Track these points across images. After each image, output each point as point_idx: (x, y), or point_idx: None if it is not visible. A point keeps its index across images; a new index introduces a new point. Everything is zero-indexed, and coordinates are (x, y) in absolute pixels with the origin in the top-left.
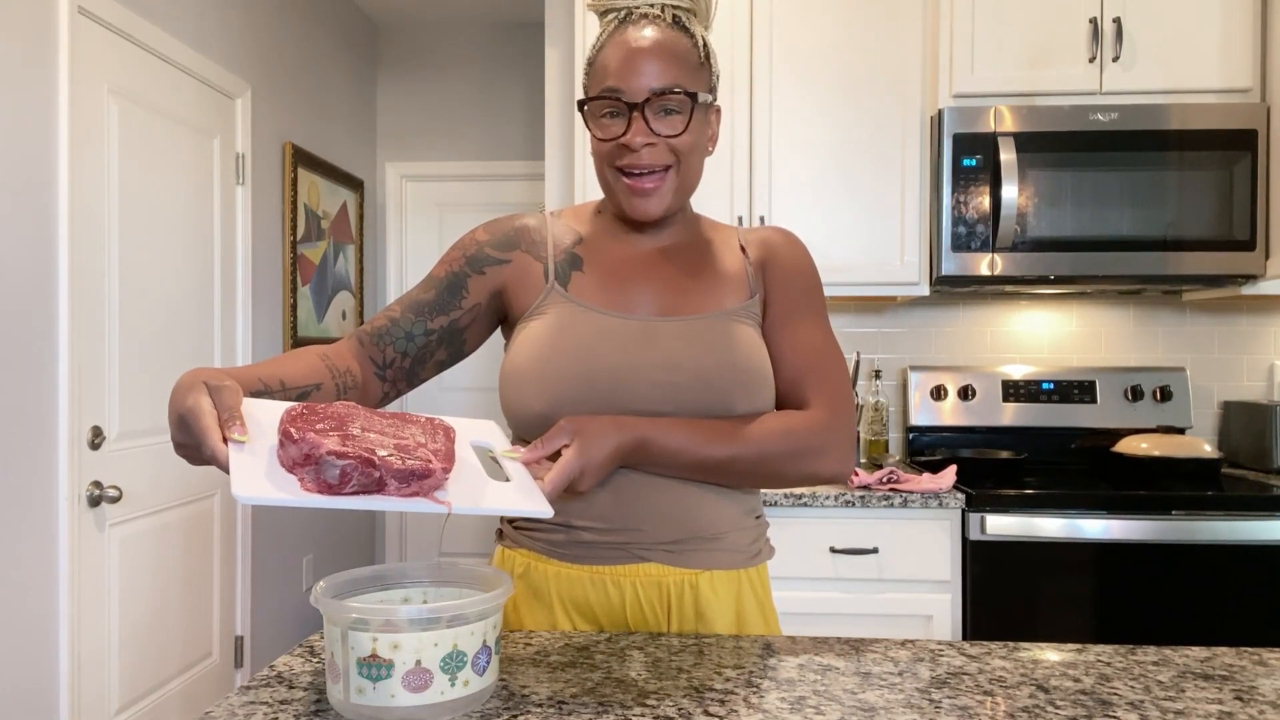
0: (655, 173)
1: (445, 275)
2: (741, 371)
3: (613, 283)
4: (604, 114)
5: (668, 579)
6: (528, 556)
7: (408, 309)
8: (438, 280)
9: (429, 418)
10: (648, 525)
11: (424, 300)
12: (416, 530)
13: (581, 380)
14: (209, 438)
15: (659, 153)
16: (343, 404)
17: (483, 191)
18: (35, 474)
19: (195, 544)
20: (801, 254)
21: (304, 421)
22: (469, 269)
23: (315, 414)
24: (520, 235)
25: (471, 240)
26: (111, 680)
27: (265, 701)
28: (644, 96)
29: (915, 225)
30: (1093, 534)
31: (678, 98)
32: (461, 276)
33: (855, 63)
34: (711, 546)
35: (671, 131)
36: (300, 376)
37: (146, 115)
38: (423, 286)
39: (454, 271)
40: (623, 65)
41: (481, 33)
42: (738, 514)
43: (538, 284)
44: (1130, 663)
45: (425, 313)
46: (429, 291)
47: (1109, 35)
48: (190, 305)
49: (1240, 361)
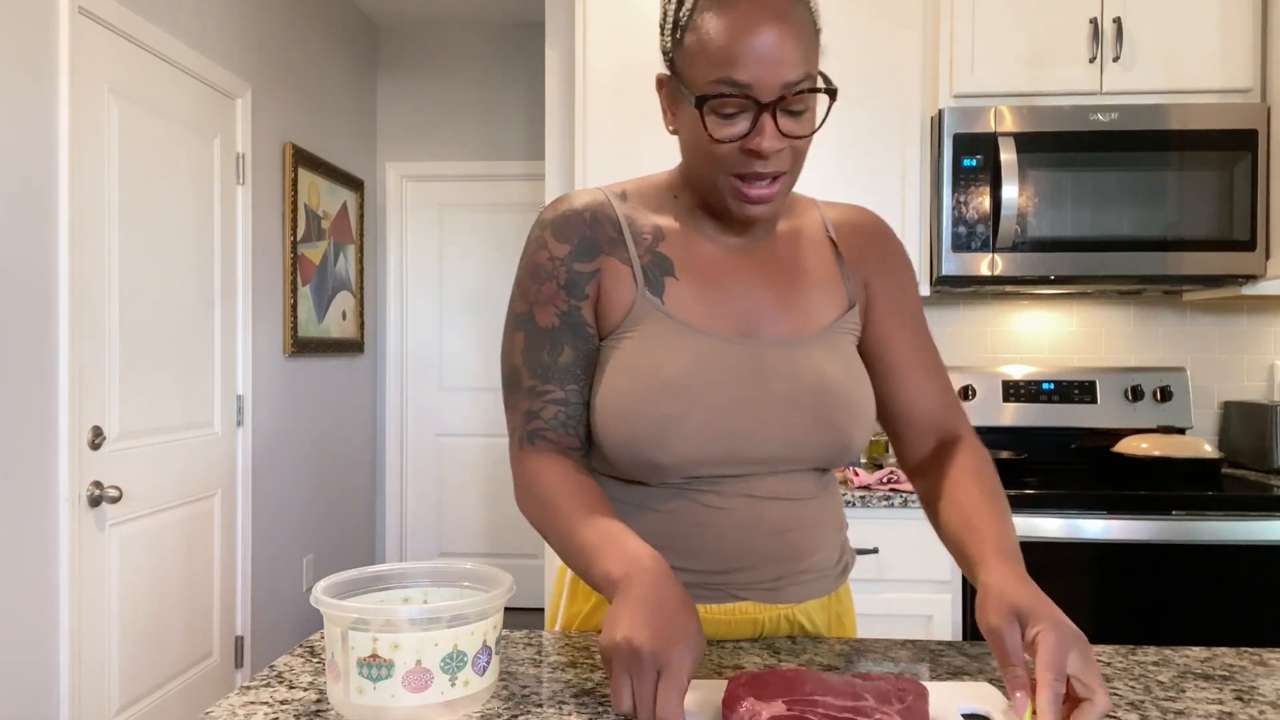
0: (777, 178)
1: (562, 323)
2: (858, 405)
3: (708, 297)
4: (725, 111)
5: (763, 616)
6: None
7: (565, 380)
8: (556, 332)
9: (904, 678)
10: (748, 565)
11: (566, 364)
12: (416, 530)
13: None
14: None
15: (785, 157)
16: (791, 669)
17: (483, 191)
18: (35, 474)
19: (195, 544)
20: (899, 248)
21: (747, 689)
22: (576, 300)
23: (761, 680)
24: (598, 234)
25: (553, 262)
26: (111, 680)
27: (265, 701)
28: (778, 94)
29: (915, 225)
30: (1093, 534)
31: (811, 94)
32: (574, 314)
33: (855, 62)
34: (805, 578)
35: (801, 132)
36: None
37: (147, 115)
38: (546, 346)
39: (564, 312)
40: (752, 52)
41: (481, 33)
42: (830, 533)
43: (627, 291)
44: (1130, 663)
45: (577, 375)
46: (560, 351)
47: (1109, 35)
48: (190, 305)
49: (1240, 361)
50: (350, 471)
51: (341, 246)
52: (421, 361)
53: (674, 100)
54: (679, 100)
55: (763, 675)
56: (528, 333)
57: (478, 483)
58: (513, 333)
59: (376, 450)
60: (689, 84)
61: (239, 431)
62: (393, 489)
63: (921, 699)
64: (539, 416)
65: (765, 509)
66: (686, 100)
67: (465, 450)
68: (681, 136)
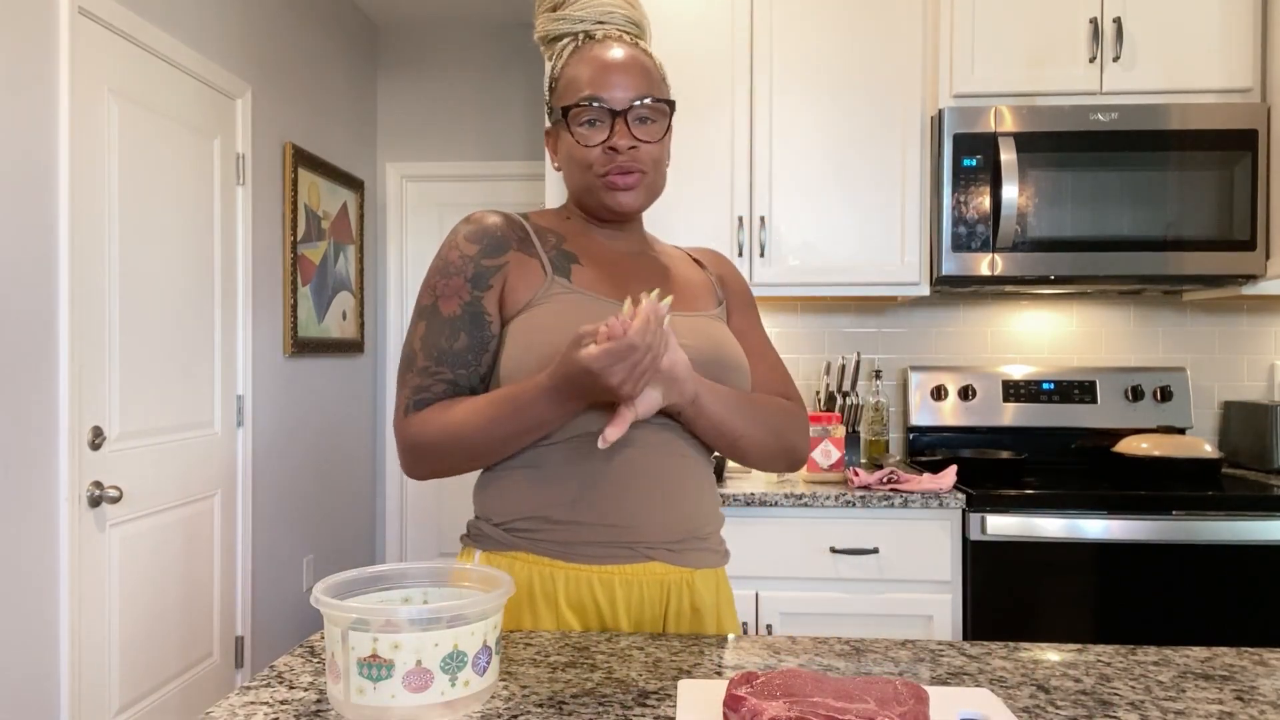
0: (635, 173)
1: (463, 313)
2: (737, 368)
3: (610, 278)
4: (582, 123)
5: (669, 577)
6: (527, 559)
7: (457, 364)
8: (457, 320)
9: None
10: (653, 525)
11: (460, 349)
12: (416, 531)
13: None
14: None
15: (642, 157)
16: (792, 670)
17: (483, 191)
18: (36, 474)
19: (195, 544)
20: (742, 276)
21: (748, 689)
22: (478, 291)
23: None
24: (507, 234)
25: (462, 258)
26: (111, 680)
27: (265, 701)
28: (626, 105)
29: (915, 225)
30: (1093, 534)
31: (656, 106)
32: (476, 304)
33: (855, 62)
34: (703, 546)
35: (651, 137)
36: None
37: (147, 115)
38: (445, 333)
39: (466, 303)
40: (602, 76)
41: (481, 33)
42: (717, 514)
43: (536, 278)
44: (1131, 663)
45: (468, 361)
46: (458, 337)
47: (1109, 35)
48: (190, 305)
49: (1240, 361)
50: (350, 471)
51: (341, 247)
52: None
53: (555, 140)
54: (558, 137)
55: (764, 675)
56: (429, 321)
57: None
58: (415, 323)
59: (376, 450)
60: (562, 111)
61: (239, 432)
62: (393, 489)
63: (922, 703)
64: (428, 390)
65: (667, 464)
66: (562, 128)
67: None
68: (564, 165)
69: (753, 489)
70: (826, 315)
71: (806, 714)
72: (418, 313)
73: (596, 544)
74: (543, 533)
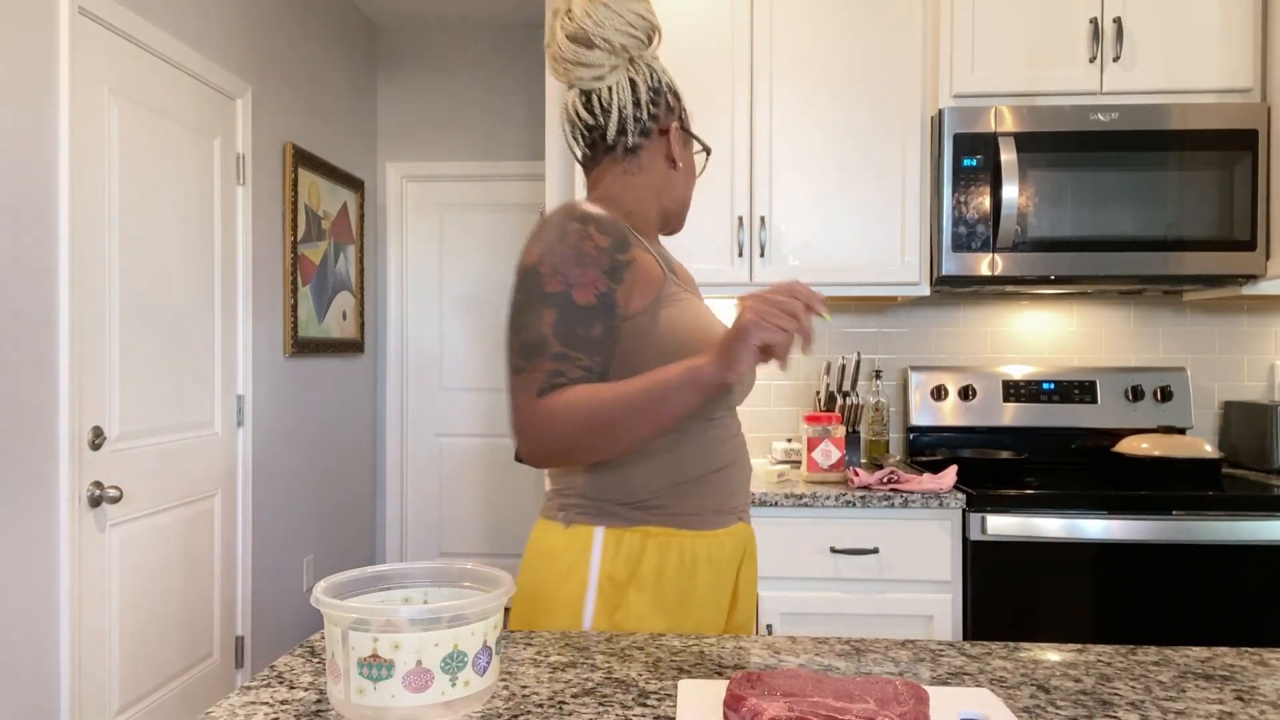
0: None
1: (598, 303)
2: None
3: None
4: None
5: (746, 533)
6: (664, 532)
7: (592, 351)
8: (592, 310)
9: (905, 682)
10: (743, 493)
11: (596, 338)
12: (416, 530)
13: None
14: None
15: None
16: (792, 670)
17: (483, 191)
18: (36, 474)
19: (195, 544)
20: None
21: (748, 689)
22: (614, 283)
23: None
24: (628, 232)
25: (597, 250)
26: (111, 680)
27: (265, 701)
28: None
29: (915, 225)
30: (1093, 534)
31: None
32: (610, 295)
33: (855, 62)
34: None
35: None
36: None
37: (147, 115)
38: (581, 320)
39: (602, 294)
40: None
41: (481, 33)
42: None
43: (656, 276)
44: (1131, 663)
45: (601, 348)
46: (594, 326)
47: (1109, 35)
48: (191, 305)
49: (1241, 361)
50: (350, 471)
51: (342, 246)
52: (421, 361)
53: (675, 144)
54: (682, 143)
55: (764, 675)
56: (561, 309)
57: (478, 483)
58: (540, 309)
59: (376, 450)
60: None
61: (239, 432)
62: (393, 489)
63: (922, 703)
64: (564, 375)
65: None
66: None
67: (465, 450)
68: (676, 172)
69: (753, 489)
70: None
71: (806, 714)
72: (543, 298)
73: (715, 512)
74: (673, 506)
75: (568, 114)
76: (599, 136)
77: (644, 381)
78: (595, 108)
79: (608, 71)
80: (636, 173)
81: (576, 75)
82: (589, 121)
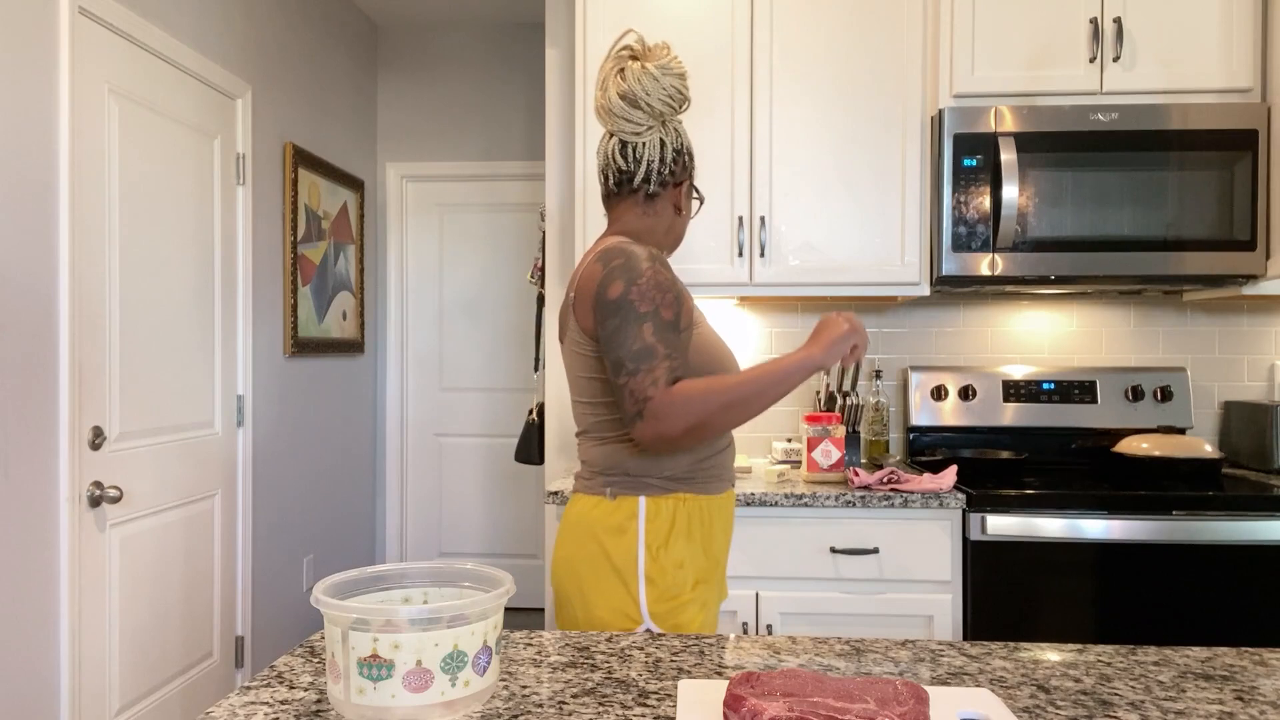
0: None
1: (674, 318)
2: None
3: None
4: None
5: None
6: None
7: (679, 354)
8: (674, 323)
9: (905, 682)
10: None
11: (682, 344)
12: (416, 530)
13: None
14: None
15: None
16: (792, 670)
17: (483, 191)
18: (36, 474)
19: (195, 544)
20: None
21: (748, 689)
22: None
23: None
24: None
25: (669, 279)
26: (111, 680)
27: (265, 701)
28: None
29: (916, 225)
30: (1093, 534)
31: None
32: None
33: (856, 62)
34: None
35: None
36: None
37: (147, 115)
38: (672, 330)
39: (677, 313)
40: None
41: (481, 33)
42: None
43: (690, 301)
44: (1131, 663)
45: (683, 352)
46: (679, 335)
47: (1109, 35)
48: (191, 305)
49: (1241, 361)
50: (350, 471)
51: (342, 246)
52: (421, 361)
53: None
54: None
55: (764, 675)
56: (656, 323)
57: (478, 483)
58: (639, 324)
59: (376, 450)
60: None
61: (239, 432)
62: (393, 489)
63: (922, 703)
64: (677, 371)
65: None
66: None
67: (465, 450)
68: (682, 216)
69: (753, 489)
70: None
71: (806, 714)
72: (638, 317)
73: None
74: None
75: (605, 156)
76: (626, 179)
77: (767, 367)
78: (629, 156)
79: (645, 130)
80: (651, 215)
81: (619, 127)
82: (621, 166)
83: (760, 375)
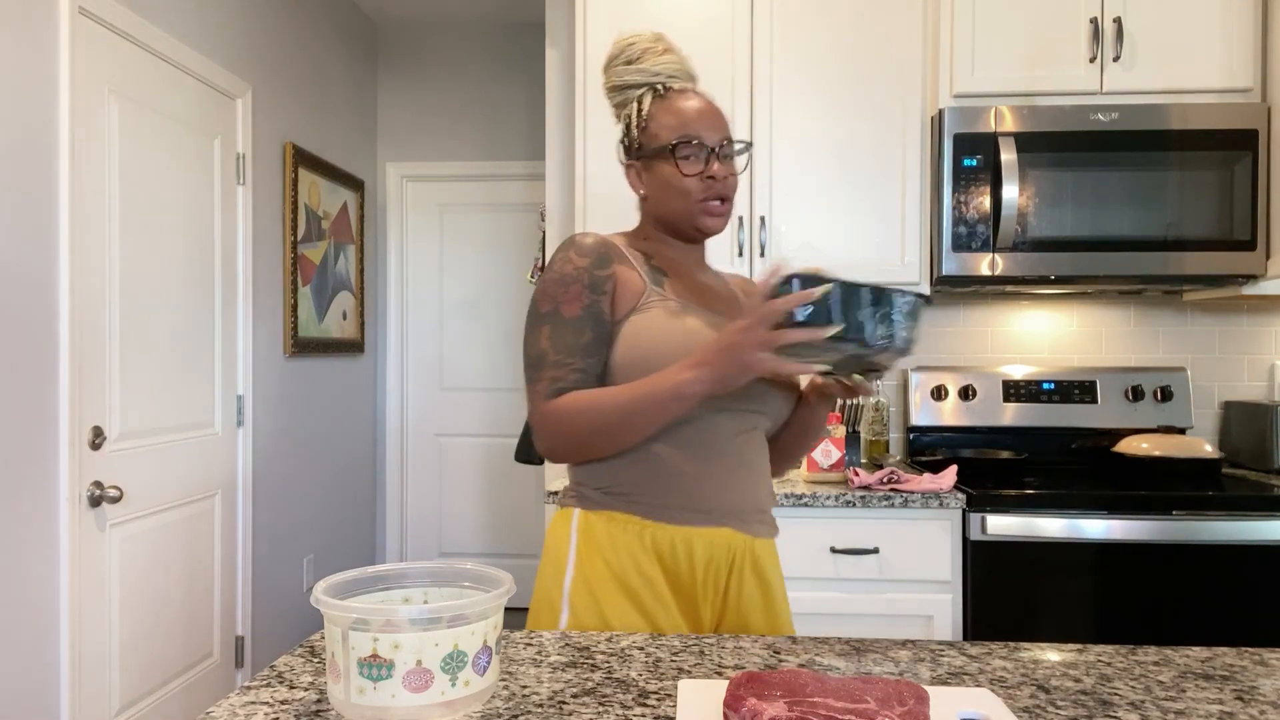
0: (727, 199)
1: (584, 313)
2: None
3: (695, 290)
4: (683, 157)
5: (735, 542)
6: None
7: (584, 355)
8: (580, 320)
9: (905, 682)
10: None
11: (586, 343)
12: (416, 530)
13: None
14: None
15: (730, 185)
16: (792, 670)
17: (483, 191)
18: (36, 474)
19: (195, 544)
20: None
21: (748, 689)
22: (595, 295)
23: (762, 681)
24: (609, 251)
25: (576, 269)
26: (112, 680)
27: (265, 701)
28: (717, 143)
29: (916, 225)
30: (1093, 534)
31: (738, 145)
32: (596, 305)
33: (856, 62)
34: (763, 518)
35: (735, 171)
36: None
37: (147, 115)
38: (571, 331)
39: (587, 305)
40: (696, 120)
41: (481, 33)
42: (773, 492)
43: (636, 288)
44: (1131, 663)
45: (593, 352)
46: (584, 333)
47: (1109, 35)
48: (191, 305)
49: (1241, 361)
50: (350, 471)
51: (342, 246)
52: (421, 361)
53: (643, 172)
54: (649, 170)
55: (764, 675)
56: (553, 324)
57: (478, 483)
58: (538, 328)
59: (376, 450)
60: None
61: (239, 432)
62: (393, 489)
63: (922, 703)
64: (563, 380)
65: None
66: (658, 161)
67: (465, 450)
68: (653, 193)
69: None
70: None
71: (807, 714)
72: (538, 319)
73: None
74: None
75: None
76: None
77: (638, 389)
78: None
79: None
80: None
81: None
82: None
83: (627, 399)
